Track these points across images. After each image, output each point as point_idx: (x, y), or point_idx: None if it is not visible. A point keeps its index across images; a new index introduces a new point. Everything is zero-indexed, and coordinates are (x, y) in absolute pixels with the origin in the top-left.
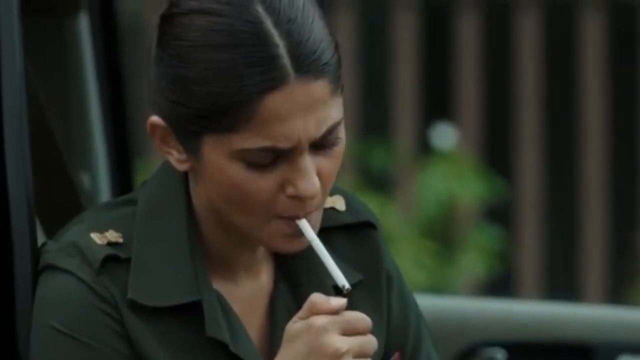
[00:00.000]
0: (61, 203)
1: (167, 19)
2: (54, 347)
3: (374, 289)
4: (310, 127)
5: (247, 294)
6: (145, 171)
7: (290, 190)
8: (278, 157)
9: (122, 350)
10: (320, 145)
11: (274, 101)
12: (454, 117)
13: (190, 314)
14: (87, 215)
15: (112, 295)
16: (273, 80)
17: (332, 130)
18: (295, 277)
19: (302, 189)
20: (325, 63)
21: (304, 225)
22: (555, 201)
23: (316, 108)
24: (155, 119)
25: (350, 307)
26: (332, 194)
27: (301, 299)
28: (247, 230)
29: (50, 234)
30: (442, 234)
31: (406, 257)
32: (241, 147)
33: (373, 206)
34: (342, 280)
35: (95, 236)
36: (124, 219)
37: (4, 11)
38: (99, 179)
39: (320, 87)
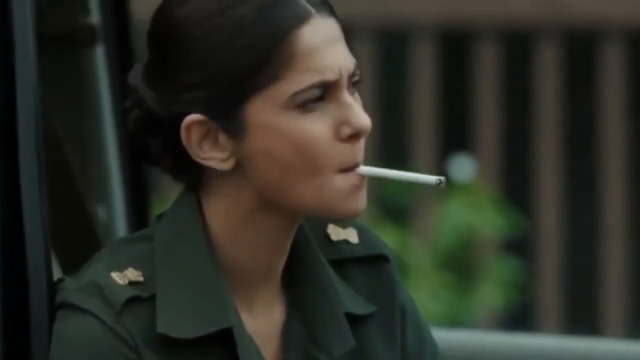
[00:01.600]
0: (77, 237)
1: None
2: None
3: (388, 322)
4: (343, 58)
5: (262, 324)
6: (162, 205)
7: (345, 131)
8: (323, 99)
9: None
10: (349, 85)
11: (307, 34)
12: (472, 148)
13: (217, 346)
14: (104, 253)
15: (132, 337)
16: (300, 14)
17: (356, 68)
18: (308, 307)
19: (356, 122)
20: (329, 5)
21: (366, 169)
22: (575, 233)
23: (340, 41)
24: (190, 117)
25: (363, 339)
26: (344, 226)
27: (314, 328)
28: (311, 199)
29: (67, 268)
30: (460, 266)
31: (424, 289)
32: (292, 90)
33: (390, 238)
34: (430, 178)
35: (115, 275)
36: (143, 256)
37: (20, 41)
38: (116, 212)
39: (334, 23)
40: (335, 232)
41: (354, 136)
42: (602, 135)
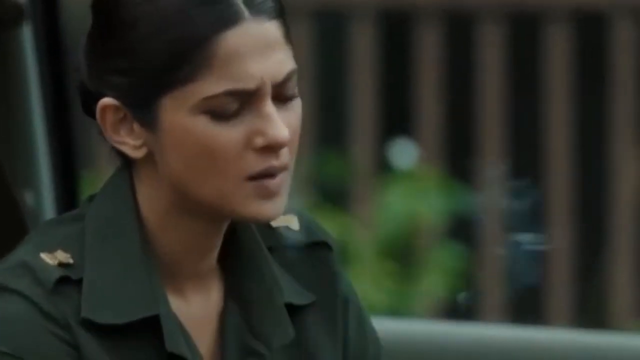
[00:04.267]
0: (3, 222)
1: None
2: None
3: (329, 312)
4: (271, 67)
5: (197, 312)
6: (92, 185)
7: (259, 141)
8: (242, 106)
9: None
10: (281, 95)
11: (232, 40)
12: (414, 132)
13: (146, 332)
14: (33, 235)
15: (64, 317)
16: (227, 18)
17: (290, 77)
18: (246, 296)
19: (271, 135)
20: (273, 6)
21: None
22: (519, 218)
23: (274, 48)
24: (106, 100)
25: (303, 329)
26: (285, 213)
27: (252, 317)
28: (217, 201)
29: None
30: (403, 255)
31: (366, 278)
32: (204, 95)
33: (331, 225)
34: None
35: (45, 256)
36: (72, 237)
37: None
38: (43, 196)
39: (273, 28)
40: (276, 218)
41: (267, 148)
42: (547, 115)
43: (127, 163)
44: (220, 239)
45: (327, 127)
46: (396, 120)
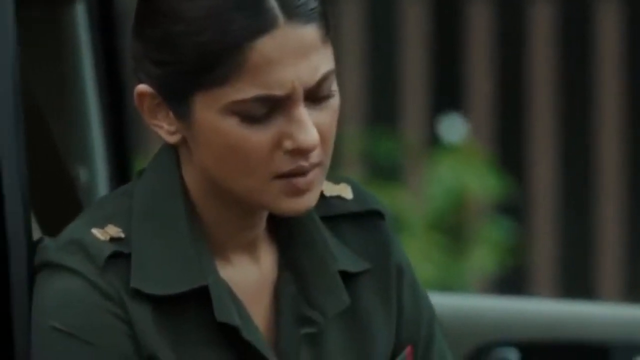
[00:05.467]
0: (58, 199)
1: None
2: (56, 347)
3: (383, 279)
4: (304, 73)
5: (250, 281)
6: (144, 164)
7: (288, 144)
8: (273, 109)
9: (127, 349)
10: (315, 96)
11: (265, 46)
12: (465, 109)
13: (197, 302)
14: (85, 212)
15: (117, 292)
16: (262, 24)
17: (325, 78)
18: (300, 265)
19: (300, 140)
20: (313, 8)
21: None
22: (570, 194)
23: (308, 54)
24: (142, 87)
25: (357, 296)
26: (338, 182)
27: (306, 286)
28: (248, 195)
29: (47, 230)
30: (452, 228)
31: (415, 250)
32: (234, 99)
33: (381, 198)
34: None
35: (96, 232)
36: (122, 212)
37: None
38: (97, 173)
39: (310, 32)
40: (329, 188)
41: (296, 151)
42: (598, 95)
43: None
44: (265, 213)
45: (379, 104)
46: (447, 96)
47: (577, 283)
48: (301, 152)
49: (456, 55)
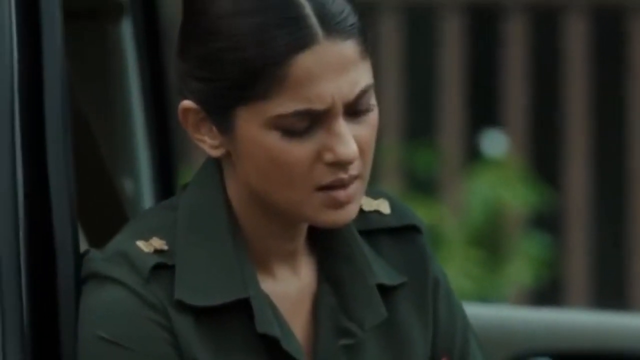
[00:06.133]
0: (104, 210)
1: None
2: (102, 357)
3: (420, 293)
4: (343, 87)
5: (290, 293)
6: (189, 176)
7: (328, 157)
8: (313, 123)
9: (171, 358)
10: (354, 110)
11: (305, 61)
12: (502, 123)
13: (238, 314)
14: (130, 224)
15: (161, 303)
16: (302, 40)
17: (364, 93)
18: (339, 277)
19: (340, 152)
20: (352, 24)
21: None
22: (604, 209)
23: (347, 69)
24: (186, 103)
25: (394, 310)
26: (376, 197)
27: (345, 298)
28: (290, 208)
29: (93, 241)
30: (489, 242)
31: (453, 264)
32: (276, 113)
33: (419, 212)
34: None
35: (141, 244)
36: (167, 225)
37: (46, 16)
38: (142, 185)
39: (349, 47)
40: (367, 203)
41: (335, 163)
42: (632, 110)
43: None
44: (305, 225)
45: (418, 118)
46: (485, 111)
47: (611, 295)
48: (341, 164)
49: (493, 69)
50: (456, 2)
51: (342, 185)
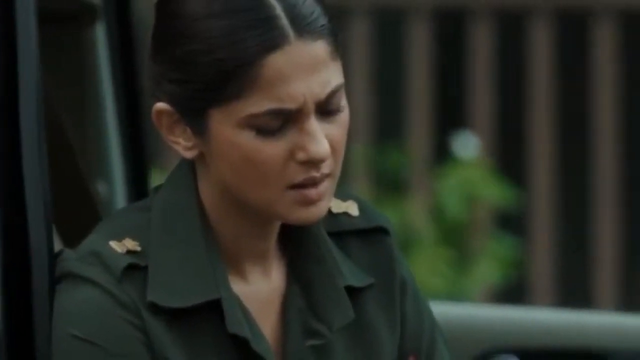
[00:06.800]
0: (78, 212)
1: (162, 2)
2: (75, 355)
3: (387, 293)
4: (314, 87)
5: (260, 295)
6: (161, 178)
7: (300, 156)
8: (286, 122)
9: (143, 357)
10: (325, 110)
11: (277, 61)
12: (470, 125)
13: (210, 315)
14: (103, 224)
15: (134, 302)
16: (274, 40)
17: (335, 92)
18: (308, 279)
19: (312, 151)
20: (323, 25)
21: None
22: (569, 210)
23: (318, 69)
24: (160, 105)
25: (362, 311)
26: (345, 199)
27: (314, 300)
28: (263, 206)
29: (68, 242)
30: (458, 242)
31: (422, 264)
32: (249, 113)
33: (390, 213)
34: None
35: (114, 244)
36: (140, 226)
37: (21, 21)
38: (116, 187)
39: (320, 47)
40: (337, 205)
41: (308, 162)
42: (596, 113)
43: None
44: (277, 225)
45: (388, 120)
46: (453, 113)
47: (575, 294)
48: (313, 162)
49: (461, 72)
50: (425, 6)
51: (314, 183)
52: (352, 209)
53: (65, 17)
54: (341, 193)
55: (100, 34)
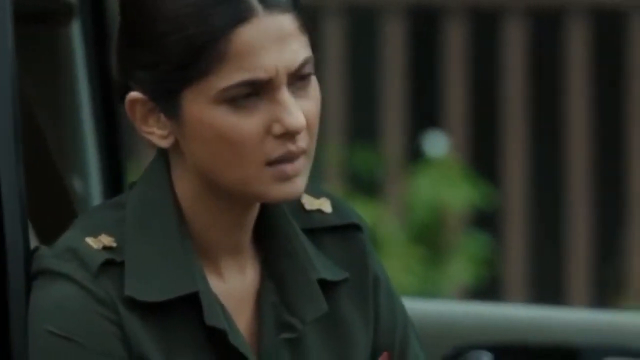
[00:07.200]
0: (54, 208)
1: None
2: (52, 351)
3: (361, 289)
4: (285, 57)
5: (235, 291)
6: (137, 174)
7: (277, 129)
8: (258, 95)
9: (119, 352)
10: (297, 82)
11: (246, 34)
12: (443, 124)
13: (186, 309)
14: (79, 221)
15: (110, 298)
16: (241, 14)
17: (305, 64)
18: (281, 273)
19: (288, 122)
20: (289, 0)
21: None
22: (542, 208)
23: (288, 40)
24: (133, 94)
25: (336, 305)
26: (318, 196)
27: (287, 294)
28: (241, 186)
29: (44, 239)
30: (431, 240)
31: (395, 262)
32: (221, 87)
33: (363, 212)
34: None
35: (90, 240)
36: (116, 222)
37: None
38: (91, 183)
39: (287, 20)
40: (310, 202)
41: (285, 134)
42: (569, 112)
43: (162, 150)
44: (253, 216)
45: (360, 119)
46: (426, 112)
47: (548, 291)
48: (290, 134)
49: (434, 71)
50: (398, 5)
51: (291, 158)
52: (326, 205)
53: (41, 15)
54: (314, 190)
55: (76, 32)
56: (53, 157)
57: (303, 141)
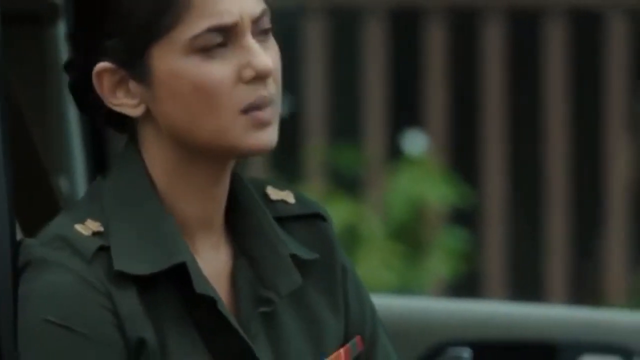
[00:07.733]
0: (40, 207)
1: None
2: (48, 340)
3: (329, 277)
4: (246, 4)
5: (210, 268)
6: None
7: (247, 73)
8: (227, 42)
9: (116, 340)
10: (258, 36)
11: None
12: (422, 123)
13: (174, 281)
14: (62, 213)
15: (103, 284)
16: None
17: (264, 15)
18: (253, 250)
19: (257, 64)
20: None
21: None
22: (520, 205)
23: None
24: (100, 65)
25: (306, 285)
26: (282, 189)
27: (261, 269)
28: (216, 138)
29: (29, 236)
30: (410, 237)
31: (375, 258)
32: (189, 36)
33: (343, 209)
34: None
35: (79, 227)
36: (97, 209)
37: None
38: (77, 181)
39: None
40: (275, 193)
41: (256, 78)
42: (546, 110)
43: (132, 136)
44: (225, 188)
45: (341, 119)
46: (406, 111)
47: (526, 287)
48: (260, 77)
49: (414, 72)
50: (379, 6)
51: (264, 104)
52: (289, 197)
53: (27, 16)
54: (278, 185)
55: (61, 32)
56: (39, 156)
57: (272, 87)
